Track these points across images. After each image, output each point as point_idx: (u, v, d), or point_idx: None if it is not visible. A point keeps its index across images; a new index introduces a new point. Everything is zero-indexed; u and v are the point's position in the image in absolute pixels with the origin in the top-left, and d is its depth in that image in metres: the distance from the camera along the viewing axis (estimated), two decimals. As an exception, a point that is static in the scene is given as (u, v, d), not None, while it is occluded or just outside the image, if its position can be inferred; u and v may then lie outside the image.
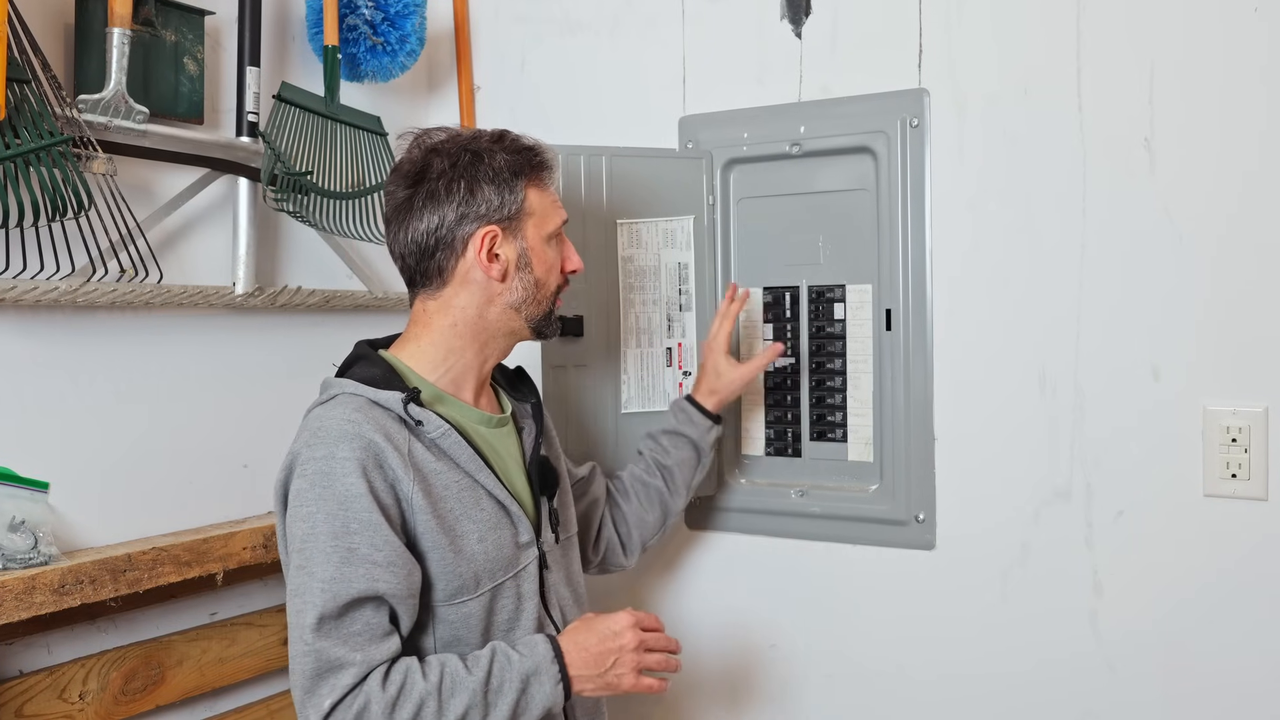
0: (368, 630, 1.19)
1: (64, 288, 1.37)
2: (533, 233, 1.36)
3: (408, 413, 1.26)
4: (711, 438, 1.67)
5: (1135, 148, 1.51)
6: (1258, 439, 1.45)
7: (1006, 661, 1.61)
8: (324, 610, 1.17)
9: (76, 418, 1.48)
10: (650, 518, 1.65)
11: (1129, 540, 1.53)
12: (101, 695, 1.46)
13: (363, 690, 1.16)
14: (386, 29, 1.78)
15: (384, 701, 1.16)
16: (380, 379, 1.30)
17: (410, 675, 1.19)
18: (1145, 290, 1.51)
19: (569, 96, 1.94)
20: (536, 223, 1.36)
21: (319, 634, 1.17)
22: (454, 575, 1.27)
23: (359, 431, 1.22)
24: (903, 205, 1.66)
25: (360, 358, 1.36)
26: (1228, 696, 1.48)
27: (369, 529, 1.20)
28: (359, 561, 1.19)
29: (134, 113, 1.46)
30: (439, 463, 1.28)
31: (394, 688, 1.17)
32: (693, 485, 1.68)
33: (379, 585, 1.19)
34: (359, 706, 1.16)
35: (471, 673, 1.21)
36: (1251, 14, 1.44)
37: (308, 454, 1.23)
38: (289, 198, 1.65)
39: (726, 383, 1.67)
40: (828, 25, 1.72)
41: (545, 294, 1.38)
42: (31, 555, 1.34)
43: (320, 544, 1.19)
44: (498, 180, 1.33)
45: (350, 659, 1.16)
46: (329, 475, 1.21)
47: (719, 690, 1.84)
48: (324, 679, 1.16)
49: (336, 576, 1.18)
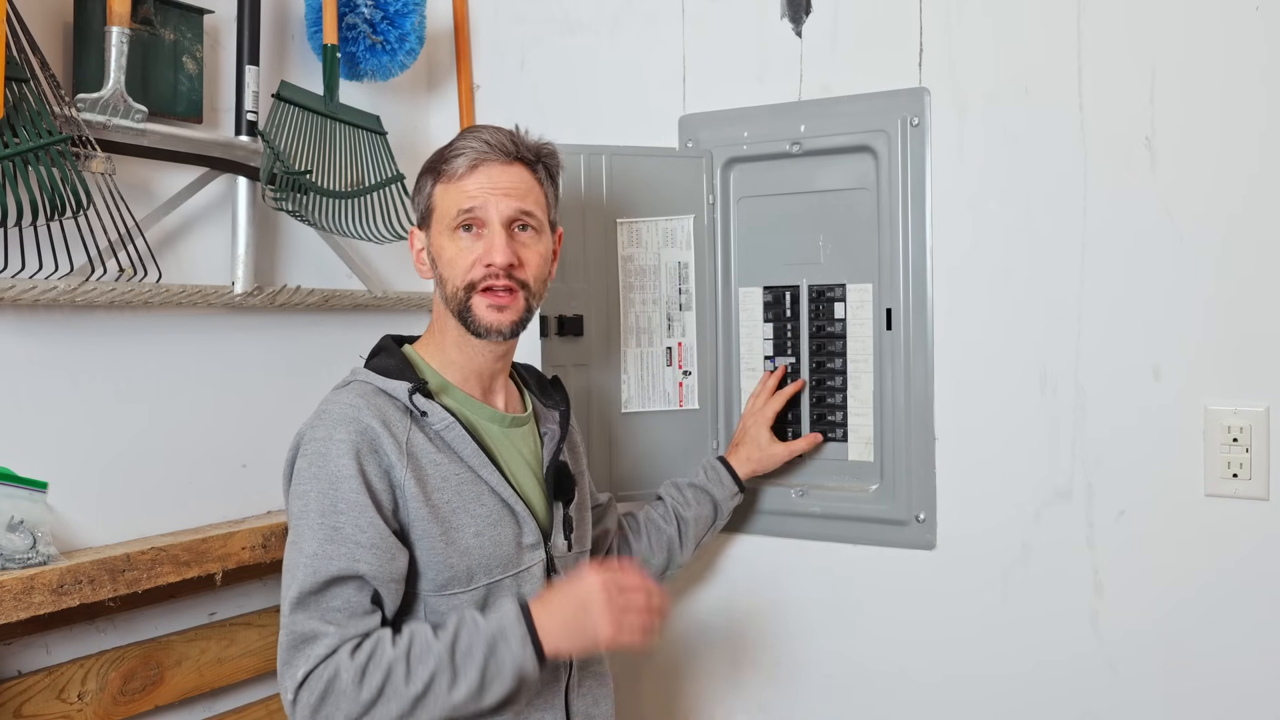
0: (347, 607, 1.22)
1: (63, 287, 1.36)
2: (435, 228, 1.38)
3: (412, 403, 1.29)
4: (733, 504, 1.70)
5: (1136, 147, 1.51)
6: (1259, 438, 1.45)
7: (1007, 661, 1.61)
8: (304, 586, 1.21)
9: (75, 417, 1.47)
10: (655, 561, 1.64)
11: (1130, 540, 1.53)
12: (100, 695, 1.46)
13: (333, 660, 1.19)
14: (386, 28, 1.78)
15: (353, 669, 1.18)
16: (393, 369, 1.33)
17: (380, 644, 1.20)
18: (1146, 289, 1.51)
19: (569, 95, 1.94)
20: (438, 217, 1.37)
21: (299, 607, 1.21)
22: (444, 566, 1.28)
23: (357, 416, 1.26)
24: (903, 204, 1.66)
25: (382, 349, 1.40)
26: (1229, 696, 1.48)
27: (355, 510, 1.23)
28: (342, 540, 1.22)
29: (133, 112, 1.46)
30: (440, 454, 1.30)
31: (363, 656, 1.19)
32: (701, 543, 1.69)
33: (359, 566, 1.21)
34: (329, 674, 1.18)
35: (439, 638, 1.22)
36: (1253, 12, 1.44)
37: (310, 434, 1.28)
38: (288, 197, 1.64)
39: (768, 456, 1.71)
40: (828, 24, 1.72)
41: (453, 289, 1.35)
42: (30, 555, 1.33)
43: (310, 521, 1.23)
44: (418, 183, 1.41)
45: (325, 631, 1.20)
46: (324, 456, 1.25)
47: (719, 690, 1.84)
48: (300, 650, 1.20)
49: (319, 553, 1.22)
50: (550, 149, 1.42)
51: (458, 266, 1.34)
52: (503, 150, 1.35)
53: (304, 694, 1.18)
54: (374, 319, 1.92)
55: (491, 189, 1.34)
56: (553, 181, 1.43)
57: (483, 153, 1.35)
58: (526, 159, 1.38)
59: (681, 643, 1.86)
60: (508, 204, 1.34)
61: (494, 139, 1.35)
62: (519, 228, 1.36)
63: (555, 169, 1.43)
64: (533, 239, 1.37)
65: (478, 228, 1.35)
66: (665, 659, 1.86)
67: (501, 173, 1.35)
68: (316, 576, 1.21)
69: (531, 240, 1.37)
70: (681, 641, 1.86)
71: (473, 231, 1.35)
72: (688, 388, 1.80)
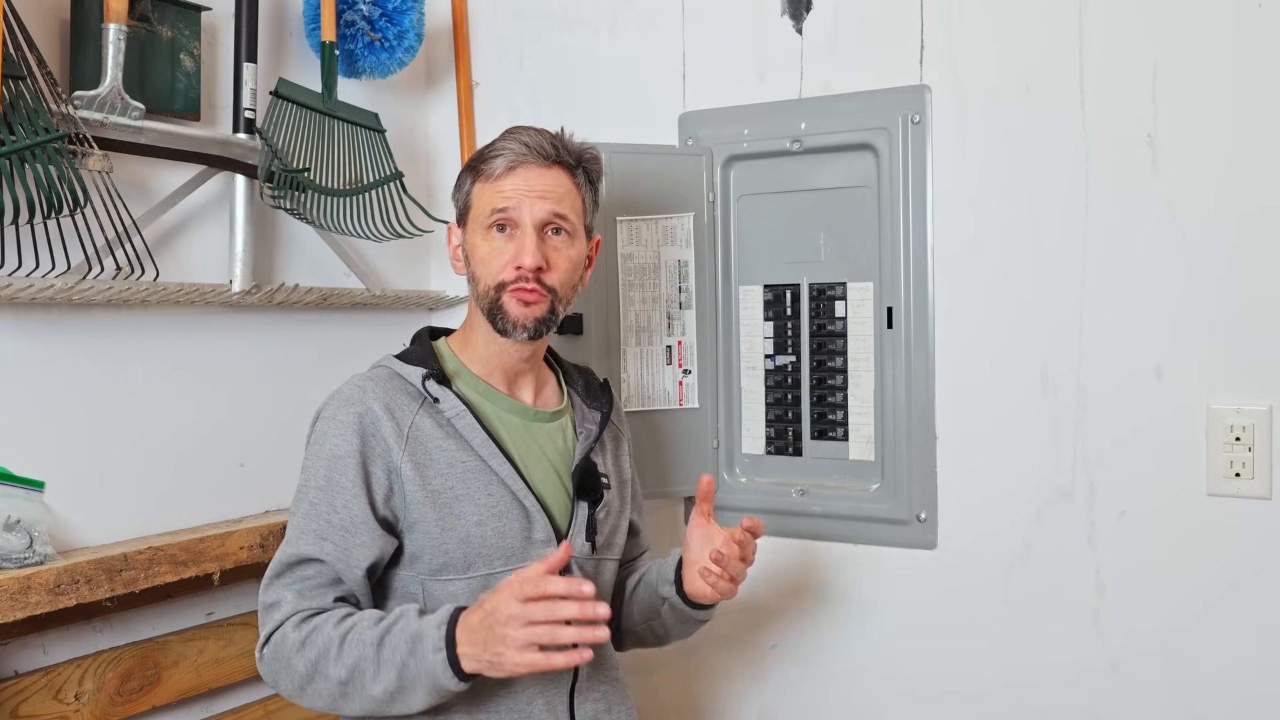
0: (315, 578, 1.26)
1: (59, 285, 1.36)
2: (471, 227, 1.39)
3: (425, 388, 1.32)
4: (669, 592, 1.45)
5: (1138, 145, 1.51)
6: (1261, 438, 1.44)
7: (1009, 661, 1.61)
8: (282, 557, 1.27)
9: (72, 416, 1.47)
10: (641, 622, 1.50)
11: (1132, 540, 1.52)
12: (97, 696, 1.46)
13: (284, 628, 1.23)
14: (384, 25, 1.78)
15: (295, 640, 1.22)
16: (415, 356, 1.37)
17: (325, 622, 1.22)
18: (1148, 288, 1.51)
19: (568, 93, 1.93)
20: (474, 216, 1.38)
21: (276, 575, 1.27)
22: (439, 551, 1.29)
23: (361, 398, 1.31)
24: (904, 202, 1.65)
25: (415, 339, 1.44)
26: (1230, 696, 1.47)
27: (336, 490, 1.27)
28: (317, 517, 1.27)
29: (130, 109, 1.45)
30: (449, 440, 1.31)
31: (306, 629, 1.23)
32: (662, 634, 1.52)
33: (325, 547, 1.25)
34: (278, 640, 1.23)
35: (375, 626, 1.20)
36: (1256, 9, 1.44)
37: (322, 412, 1.33)
38: (286, 195, 1.64)
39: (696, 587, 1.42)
40: (829, 21, 1.71)
41: (484, 288, 1.35)
42: (27, 555, 1.33)
43: (304, 494, 1.29)
44: (459, 179, 1.42)
45: (284, 600, 1.25)
46: (325, 434, 1.30)
47: (719, 690, 1.83)
48: (267, 613, 1.26)
49: (299, 527, 1.27)
50: (593, 154, 1.42)
51: (490, 266, 1.35)
52: (541, 153, 1.35)
53: (267, 652, 1.24)
54: (372, 317, 1.91)
55: (527, 191, 1.34)
56: (592, 187, 1.42)
57: (520, 155, 1.35)
58: (566, 162, 1.38)
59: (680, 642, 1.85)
60: (541, 206, 1.34)
61: (534, 141, 1.36)
62: (552, 231, 1.36)
63: (597, 174, 1.43)
64: (564, 243, 1.37)
65: (511, 228, 1.35)
66: (664, 658, 1.86)
67: (539, 175, 1.35)
68: (289, 549, 1.27)
69: (563, 245, 1.36)
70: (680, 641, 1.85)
71: (506, 232, 1.35)
72: (688, 387, 1.80)
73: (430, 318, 2.02)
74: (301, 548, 1.26)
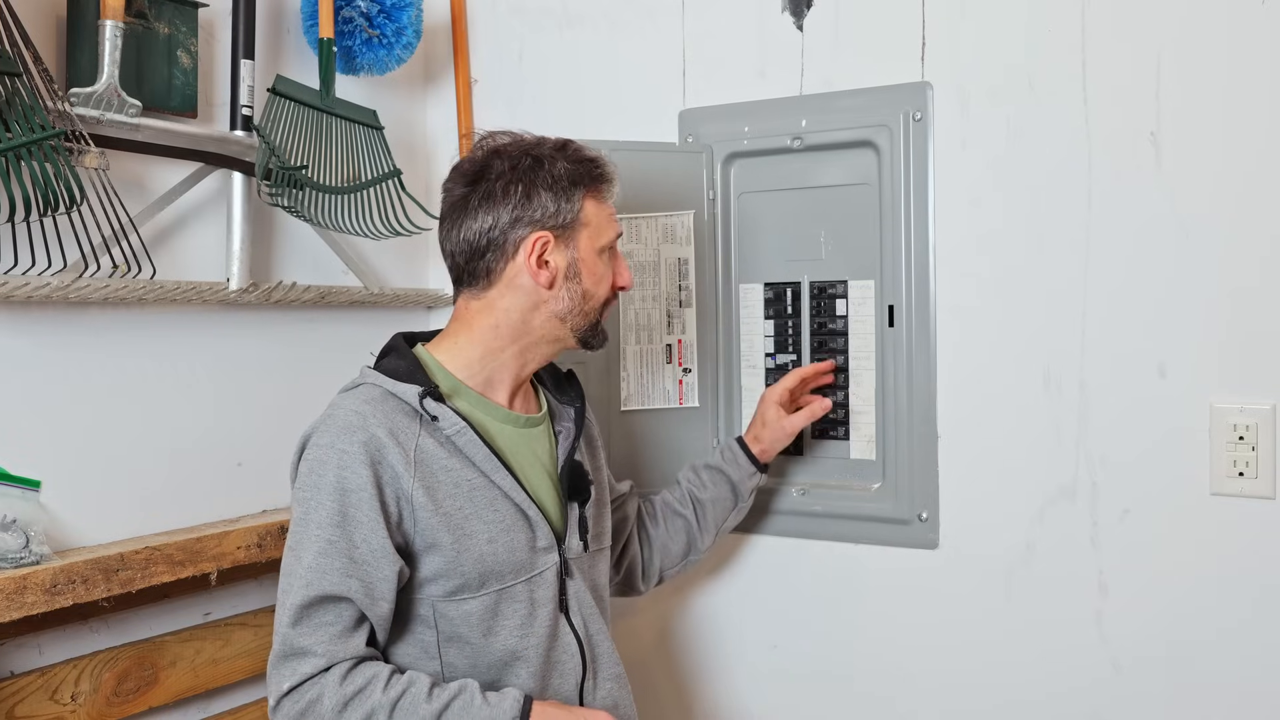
0: (339, 622, 1.22)
1: (56, 284, 1.35)
2: (585, 244, 1.36)
3: (423, 407, 1.28)
4: (752, 484, 1.66)
5: (1141, 141, 1.50)
6: (1265, 437, 1.43)
7: (1010, 661, 1.60)
8: (300, 599, 1.21)
9: (68, 415, 1.46)
10: (674, 547, 1.64)
11: (1134, 539, 1.52)
12: (94, 696, 1.45)
13: (320, 681, 1.19)
14: (382, 21, 1.77)
15: (338, 698, 1.18)
16: (404, 371, 1.32)
17: (373, 682, 1.20)
18: (1151, 286, 1.50)
19: (567, 90, 1.92)
20: (591, 234, 1.37)
21: (294, 620, 1.21)
22: (455, 573, 1.27)
23: (363, 425, 1.25)
24: (905, 200, 1.65)
25: (392, 349, 1.39)
26: (1233, 696, 1.47)
27: (352, 524, 1.23)
28: (337, 555, 1.22)
29: (127, 106, 1.44)
30: (452, 459, 1.29)
31: (351, 688, 1.19)
32: (724, 528, 1.67)
33: (351, 584, 1.22)
34: (312, 696, 1.19)
35: (431, 700, 1.20)
36: (1259, 6, 1.43)
37: (315, 439, 1.28)
38: (284, 192, 1.63)
39: (771, 433, 1.64)
40: (829, 18, 1.71)
41: (592, 306, 1.38)
42: (23, 555, 1.32)
43: (310, 531, 1.23)
44: (556, 188, 1.34)
45: (314, 649, 1.20)
46: (324, 465, 1.24)
47: (719, 689, 1.82)
48: (288, 661, 1.21)
49: (315, 566, 1.22)
50: None
51: (606, 284, 1.39)
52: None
53: (287, 704, 1.20)
54: (370, 316, 1.90)
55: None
56: None
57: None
58: None
59: (681, 643, 1.85)
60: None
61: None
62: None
63: None
64: None
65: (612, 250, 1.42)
66: (665, 658, 1.85)
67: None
68: (310, 591, 1.21)
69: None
70: (681, 641, 1.85)
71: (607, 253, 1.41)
72: (688, 385, 1.79)
73: (429, 316, 2.02)
74: (326, 587, 1.21)
